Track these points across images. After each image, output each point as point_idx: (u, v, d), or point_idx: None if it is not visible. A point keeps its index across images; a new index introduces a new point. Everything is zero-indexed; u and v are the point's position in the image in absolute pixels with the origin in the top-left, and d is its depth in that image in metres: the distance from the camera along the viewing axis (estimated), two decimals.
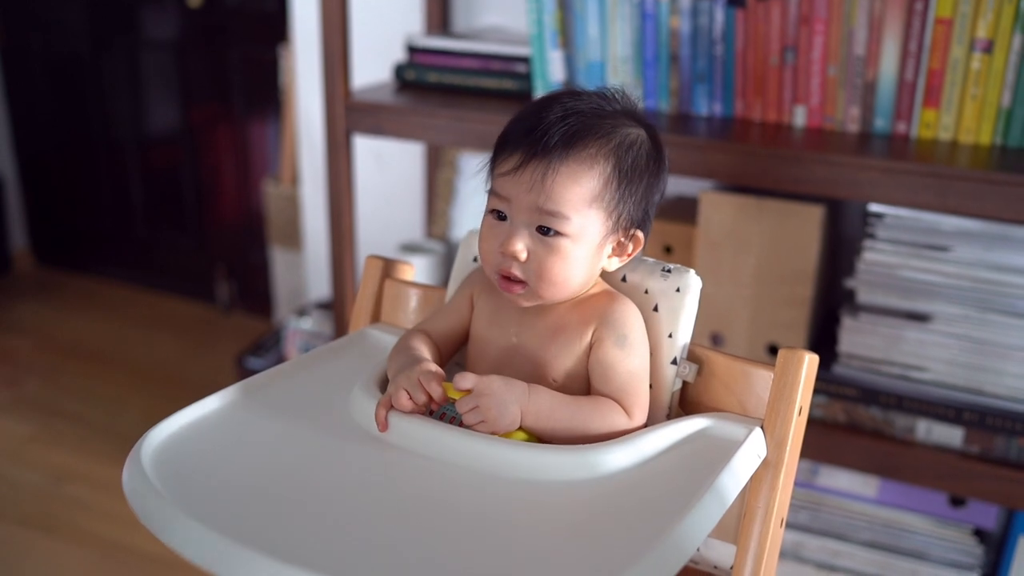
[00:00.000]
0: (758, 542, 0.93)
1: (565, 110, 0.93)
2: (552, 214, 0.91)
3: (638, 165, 0.95)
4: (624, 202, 0.94)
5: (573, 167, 0.91)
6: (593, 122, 0.93)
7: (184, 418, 0.91)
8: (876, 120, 1.48)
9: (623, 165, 0.93)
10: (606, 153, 0.92)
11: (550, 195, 0.91)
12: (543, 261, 0.92)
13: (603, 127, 0.93)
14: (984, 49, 1.39)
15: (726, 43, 1.54)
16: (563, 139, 0.91)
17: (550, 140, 0.91)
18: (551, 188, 0.91)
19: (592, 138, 0.92)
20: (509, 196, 0.93)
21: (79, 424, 2.54)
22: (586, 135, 0.92)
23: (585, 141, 0.92)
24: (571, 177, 0.91)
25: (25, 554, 2.04)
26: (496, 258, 0.94)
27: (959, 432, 1.46)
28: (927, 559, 1.59)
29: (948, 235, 1.43)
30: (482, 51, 1.75)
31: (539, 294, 0.94)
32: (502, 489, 0.83)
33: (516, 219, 0.93)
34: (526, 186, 0.91)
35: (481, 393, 0.89)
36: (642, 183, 0.95)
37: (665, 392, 0.98)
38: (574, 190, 0.91)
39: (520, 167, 0.91)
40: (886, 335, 1.49)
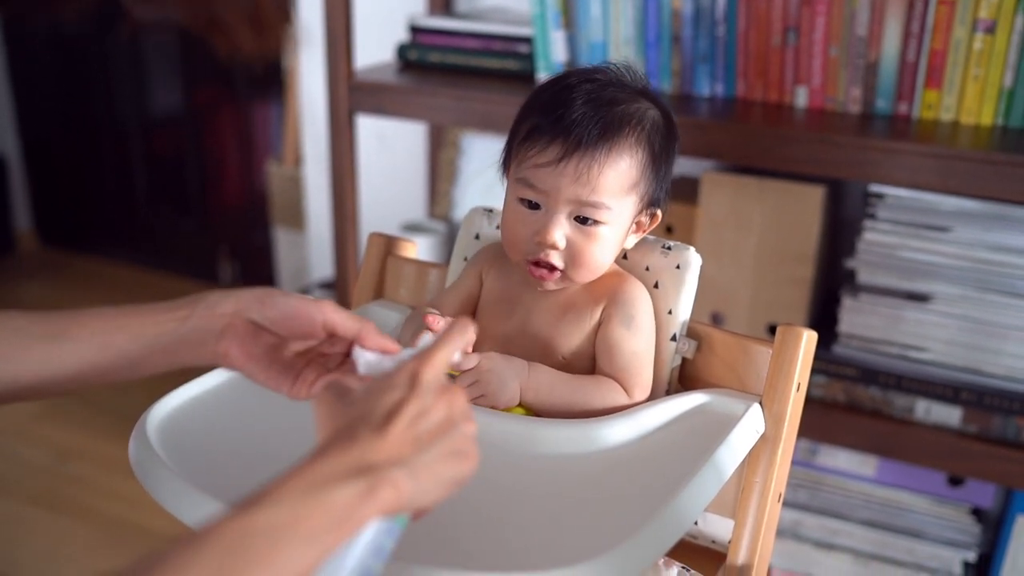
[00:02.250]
0: (755, 517, 0.94)
1: (589, 97, 0.93)
2: (595, 205, 0.92)
3: (662, 146, 0.96)
4: (651, 184, 0.96)
5: (615, 159, 0.92)
6: (621, 108, 0.93)
7: (188, 392, 0.92)
8: (878, 101, 1.48)
9: (655, 150, 0.95)
10: (640, 141, 0.93)
11: (595, 187, 0.91)
12: (582, 249, 0.93)
13: (631, 113, 0.94)
14: (987, 29, 1.39)
15: (728, 24, 1.54)
16: (601, 130, 0.91)
17: (590, 132, 0.91)
18: (597, 180, 0.91)
19: (627, 127, 0.93)
20: (548, 188, 0.92)
21: (83, 403, 2.55)
22: (622, 124, 0.92)
23: (622, 130, 0.92)
24: (615, 169, 0.92)
25: (30, 531, 2.06)
26: (529, 247, 0.94)
27: (957, 412, 1.47)
28: (925, 538, 1.60)
29: (948, 215, 1.43)
30: (484, 31, 1.75)
31: (573, 279, 0.95)
32: (503, 462, 0.84)
33: (554, 209, 0.93)
34: (570, 179, 0.91)
35: (481, 368, 0.90)
36: (666, 163, 0.97)
37: (665, 368, 0.99)
38: (617, 180, 0.92)
39: (562, 160, 0.91)
40: (886, 315, 1.49)
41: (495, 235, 1.09)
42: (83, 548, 2.01)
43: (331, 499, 0.56)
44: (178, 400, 0.90)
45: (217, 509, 0.73)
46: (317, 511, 0.55)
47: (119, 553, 1.99)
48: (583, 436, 0.86)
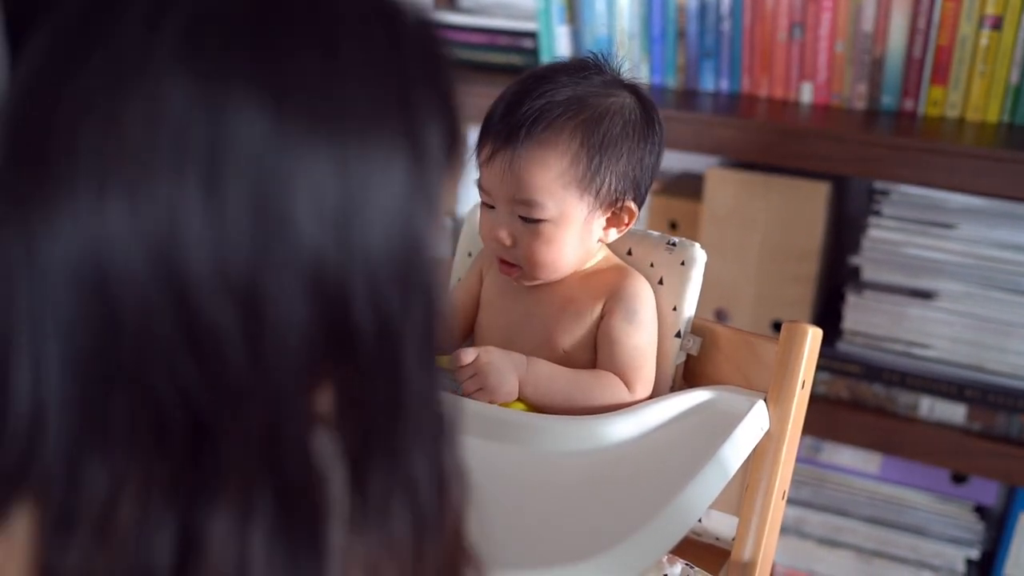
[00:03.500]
0: (760, 514, 0.93)
1: (521, 90, 0.91)
2: (526, 203, 0.91)
3: (611, 134, 0.92)
4: (602, 175, 0.92)
5: (536, 152, 0.89)
6: (561, 101, 0.90)
7: None
8: (883, 97, 1.48)
9: (592, 139, 0.91)
10: (571, 131, 0.90)
11: (519, 184, 0.90)
12: (528, 246, 0.92)
13: (571, 105, 0.90)
14: (993, 26, 1.38)
15: (733, 19, 1.53)
16: (528, 125, 0.89)
17: (514, 128, 0.89)
18: (519, 177, 0.90)
19: (557, 119, 0.90)
20: (488, 188, 0.93)
21: None
22: (550, 117, 0.89)
23: (548, 123, 0.89)
24: (535, 163, 0.90)
25: None
26: (491, 244, 0.95)
27: (962, 409, 1.46)
28: (928, 535, 1.60)
29: (954, 212, 1.43)
30: (489, 26, 1.75)
31: (534, 276, 0.95)
32: (507, 458, 0.84)
33: (499, 208, 0.93)
34: (498, 177, 0.91)
35: (480, 362, 0.90)
36: (622, 152, 0.93)
37: (669, 365, 0.99)
38: (542, 175, 0.90)
39: (491, 158, 0.91)
40: (890, 312, 1.49)
41: None
42: None
43: None
44: None
45: None
46: None
47: None
48: (587, 433, 0.86)
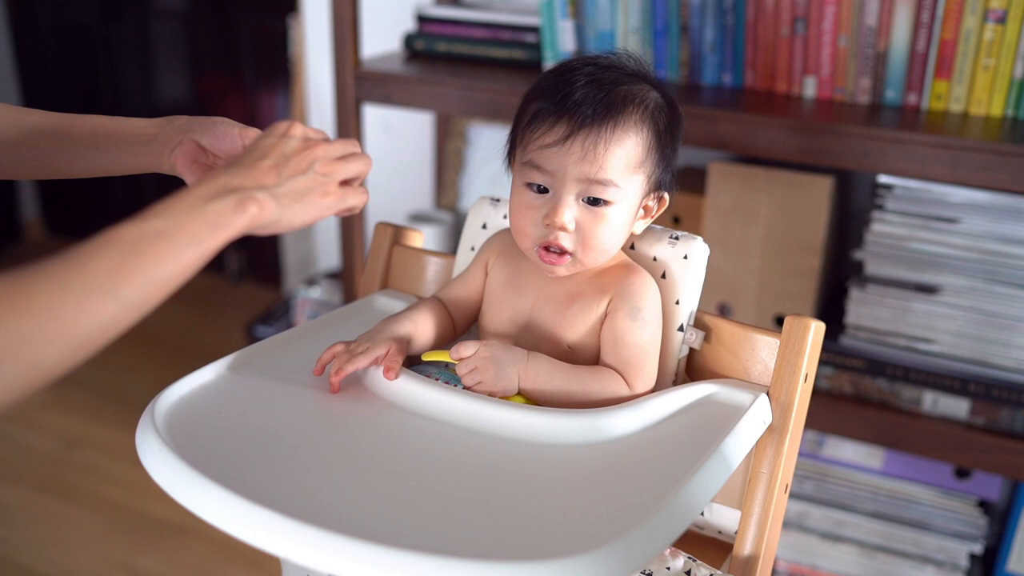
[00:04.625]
0: (762, 507, 0.94)
1: (591, 79, 0.93)
2: (603, 183, 0.92)
3: (668, 128, 0.96)
4: (659, 165, 0.96)
5: (621, 136, 0.92)
6: (624, 88, 0.94)
7: (195, 381, 0.92)
8: (887, 91, 1.48)
9: (660, 129, 0.95)
10: (644, 119, 0.93)
11: (603, 165, 0.91)
12: (592, 230, 0.93)
13: (634, 93, 0.94)
14: (998, 19, 1.38)
15: (736, 13, 1.53)
16: (606, 108, 0.91)
17: (595, 110, 0.91)
18: (604, 158, 0.91)
19: (631, 105, 0.93)
20: (554, 169, 0.92)
21: (91, 391, 2.56)
22: (625, 103, 0.92)
23: (626, 108, 0.92)
24: (621, 145, 0.92)
25: (37, 518, 2.07)
26: (539, 231, 0.94)
27: (965, 404, 1.46)
28: (931, 530, 1.60)
29: (957, 207, 1.42)
30: (492, 20, 1.75)
31: (583, 263, 0.95)
32: (510, 452, 0.84)
33: (562, 191, 0.92)
34: (576, 157, 0.91)
35: (479, 356, 0.90)
36: (671, 145, 0.97)
37: (672, 358, 0.99)
38: (624, 158, 0.92)
39: (568, 138, 0.91)
40: (894, 307, 1.49)
41: (502, 224, 1.09)
42: (90, 535, 2.02)
43: (207, 210, 0.71)
44: (185, 388, 0.90)
45: (222, 496, 0.73)
46: (196, 220, 0.70)
47: (125, 540, 1.99)
48: (590, 426, 0.86)
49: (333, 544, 0.68)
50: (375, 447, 0.84)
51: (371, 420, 0.88)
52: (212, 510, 0.74)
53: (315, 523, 0.70)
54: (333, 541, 0.69)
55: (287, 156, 0.80)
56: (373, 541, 0.68)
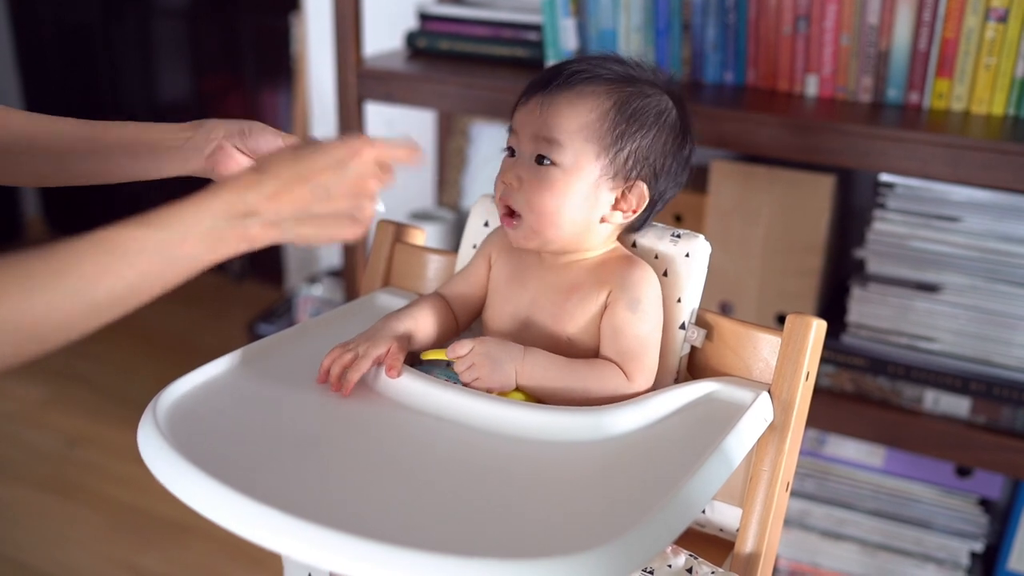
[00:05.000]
0: (763, 505, 0.94)
1: (572, 61, 0.98)
2: (547, 140, 0.94)
3: (644, 113, 0.95)
4: (623, 143, 0.95)
5: (571, 97, 0.94)
6: (611, 71, 0.96)
7: (197, 378, 0.92)
8: (888, 90, 1.48)
9: (625, 107, 0.95)
10: (608, 91, 0.95)
11: (546, 120, 0.94)
12: (534, 190, 0.94)
13: (618, 76, 0.96)
14: (999, 18, 1.38)
15: (739, 12, 1.53)
16: (570, 75, 0.95)
17: (557, 75, 0.96)
18: (547, 113, 0.94)
19: (597, 79, 0.95)
20: (516, 128, 0.97)
21: (92, 389, 2.56)
22: (589, 77, 0.95)
23: (588, 80, 0.95)
24: (568, 105, 0.94)
25: (38, 516, 2.07)
26: (500, 189, 0.97)
27: (966, 402, 1.46)
28: (932, 528, 1.60)
29: (958, 205, 1.42)
30: (494, 19, 1.75)
31: (531, 227, 0.95)
32: (512, 449, 0.84)
33: (520, 150, 0.96)
34: (528, 115, 0.95)
35: (476, 352, 0.91)
36: (649, 133, 0.96)
37: (673, 356, 0.99)
38: (569, 116, 0.94)
39: (527, 100, 0.96)
40: (895, 305, 1.49)
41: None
42: (91, 533, 2.02)
43: (214, 229, 0.70)
44: (186, 386, 0.90)
45: (224, 494, 0.73)
46: (199, 239, 0.69)
47: (127, 538, 2.00)
48: (592, 424, 0.86)
49: (335, 542, 0.69)
50: (377, 445, 0.84)
51: (373, 418, 0.88)
52: (214, 507, 0.74)
53: (317, 521, 0.70)
54: (335, 539, 0.69)
55: (331, 189, 0.74)
56: (374, 539, 0.68)
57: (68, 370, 2.64)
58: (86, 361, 2.69)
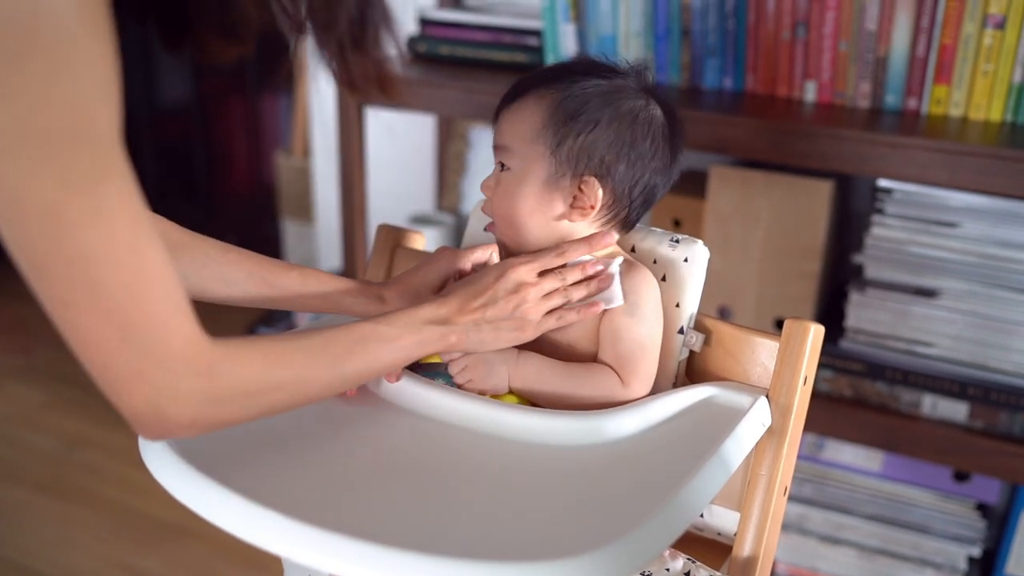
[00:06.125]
0: (761, 509, 0.94)
1: (540, 71, 1.01)
2: (500, 147, 0.98)
3: (585, 108, 0.94)
4: (566, 139, 0.94)
5: (520, 104, 0.97)
6: (551, 75, 0.98)
7: None
8: (887, 96, 1.48)
9: (564, 104, 0.95)
10: (552, 92, 0.96)
11: (499, 128, 0.98)
12: (497, 196, 0.98)
13: (558, 77, 0.98)
14: (997, 25, 1.38)
15: (738, 17, 1.54)
16: (518, 84, 0.99)
17: (515, 88, 0.99)
18: (500, 122, 0.99)
19: (543, 83, 0.97)
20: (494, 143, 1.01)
21: (91, 392, 2.54)
22: (539, 83, 0.98)
23: (535, 86, 0.98)
24: (514, 111, 0.98)
25: (39, 518, 2.07)
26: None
27: (964, 407, 1.47)
28: (930, 533, 1.60)
29: (956, 211, 1.43)
30: (494, 24, 1.76)
31: (501, 230, 0.99)
32: (510, 453, 0.84)
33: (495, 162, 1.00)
34: (495, 128, 1.00)
35: (469, 355, 0.92)
36: (594, 127, 0.94)
37: (672, 361, 0.99)
38: (514, 121, 0.97)
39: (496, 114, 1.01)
40: (893, 310, 1.49)
41: None
42: (91, 535, 2.02)
43: (422, 331, 0.86)
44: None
45: (225, 496, 0.74)
46: (412, 336, 0.85)
47: (126, 540, 2.00)
48: (590, 428, 0.87)
49: (334, 544, 0.69)
50: (377, 448, 0.85)
51: (373, 421, 0.89)
52: (214, 510, 0.74)
53: (317, 523, 0.70)
54: (335, 541, 0.69)
55: (496, 299, 0.91)
56: (373, 541, 0.68)
57: (67, 373, 2.64)
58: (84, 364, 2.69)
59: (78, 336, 0.67)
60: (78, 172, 0.62)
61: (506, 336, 0.92)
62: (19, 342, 2.84)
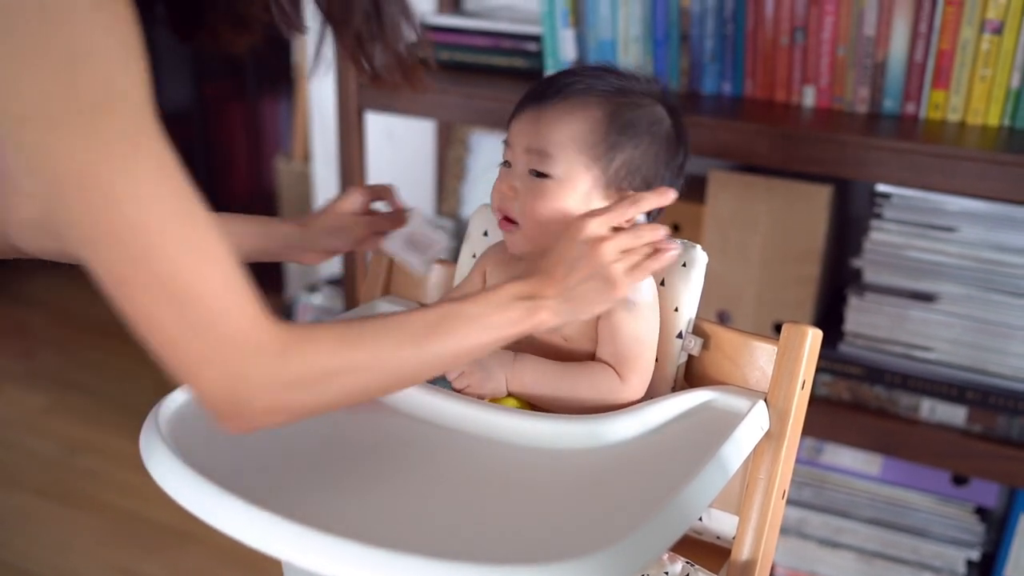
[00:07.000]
0: (760, 513, 0.94)
1: (565, 73, 0.99)
2: (539, 153, 0.95)
3: (637, 123, 0.96)
4: (615, 153, 0.95)
5: (563, 109, 0.95)
6: (603, 83, 0.97)
7: None
8: (885, 101, 1.49)
9: (617, 118, 0.95)
10: (600, 102, 0.96)
11: (538, 133, 0.95)
12: (529, 200, 0.95)
13: (611, 87, 0.97)
14: (994, 30, 1.39)
15: (736, 23, 1.54)
16: (560, 88, 0.96)
17: (550, 87, 0.97)
18: (539, 127, 0.95)
19: (589, 92, 0.96)
20: (511, 141, 0.98)
21: (92, 396, 2.56)
22: (581, 89, 0.96)
23: (580, 93, 0.96)
24: (559, 118, 0.95)
25: (39, 523, 2.08)
26: (496, 201, 0.99)
27: (962, 411, 1.47)
28: (929, 536, 1.61)
29: (954, 216, 1.43)
30: (493, 29, 1.76)
31: (527, 235, 0.97)
32: (509, 457, 0.85)
33: (515, 162, 0.97)
34: (522, 128, 0.96)
35: None
36: (641, 143, 0.96)
37: (670, 365, 1.00)
38: (560, 130, 0.94)
39: (524, 111, 0.97)
40: (892, 314, 1.50)
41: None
42: (92, 540, 2.02)
43: (508, 309, 0.82)
44: (188, 394, 0.91)
45: (226, 500, 0.74)
46: (499, 314, 0.81)
47: (127, 545, 2.00)
48: (588, 432, 0.87)
49: (336, 548, 0.69)
50: (377, 452, 0.85)
51: (374, 425, 0.89)
52: (216, 514, 0.74)
53: (317, 527, 0.71)
54: (335, 545, 0.69)
55: (574, 263, 0.86)
56: (373, 545, 0.69)
57: (68, 377, 2.65)
58: (87, 368, 2.70)
59: (138, 316, 0.64)
60: (108, 139, 0.60)
61: (597, 296, 0.87)
62: (20, 346, 2.84)
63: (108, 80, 0.60)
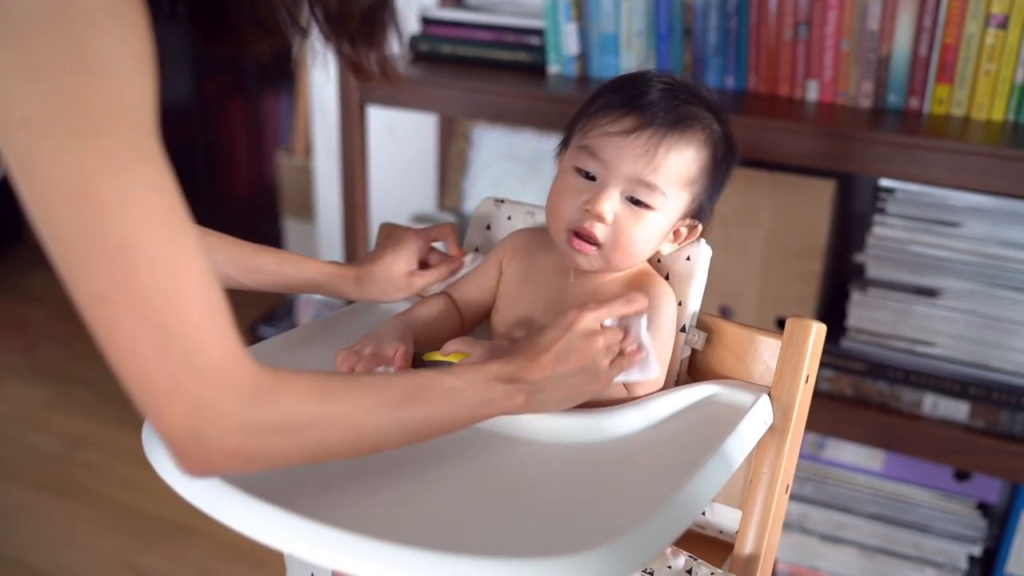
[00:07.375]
0: (763, 507, 0.94)
1: (667, 88, 0.94)
2: (651, 187, 0.92)
3: (725, 159, 0.97)
4: (707, 191, 0.96)
5: (684, 147, 0.92)
6: (695, 108, 0.94)
7: None
8: (889, 95, 1.48)
9: (717, 156, 0.95)
10: (707, 141, 0.94)
11: (657, 168, 0.91)
12: (626, 228, 0.92)
13: (703, 115, 0.94)
14: (999, 25, 1.39)
15: (740, 17, 1.54)
16: (677, 117, 0.92)
17: (666, 114, 0.92)
18: (661, 162, 0.91)
19: (698, 123, 0.93)
20: (608, 159, 0.92)
21: (93, 391, 2.56)
22: (693, 119, 0.93)
23: (694, 125, 0.93)
24: (681, 157, 0.92)
25: (39, 517, 2.07)
26: (575, 215, 0.93)
27: (965, 406, 1.47)
28: (931, 532, 1.61)
29: (958, 211, 1.43)
30: (496, 23, 1.76)
31: (608, 259, 0.94)
32: (513, 450, 0.85)
33: (609, 182, 0.92)
34: (635, 153, 0.91)
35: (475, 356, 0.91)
36: (721, 177, 0.97)
37: (674, 359, 0.99)
38: (678, 169, 0.92)
39: (634, 132, 0.91)
40: (895, 310, 1.49)
41: (506, 225, 1.10)
42: (92, 534, 2.02)
43: (487, 389, 0.80)
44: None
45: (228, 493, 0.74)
46: (477, 392, 0.79)
47: (128, 539, 2.00)
48: (592, 426, 0.87)
49: (337, 540, 0.69)
50: None
51: None
52: (219, 507, 0.74)
53: (320, 520, 0.70)
54: (337, 538, 0.69)
55: (565, 354, 0.85)
56: (376, 537, 0.68)
57: (69, 372, 2.64)
58: (87, 363, 2.69)
59: (112, 339, 0.62)
60: (109, 151, 0.58)
61: (582, 389, 0.86)
62: (20, 341, 2.84)
63: (116, 91, 0.58)
